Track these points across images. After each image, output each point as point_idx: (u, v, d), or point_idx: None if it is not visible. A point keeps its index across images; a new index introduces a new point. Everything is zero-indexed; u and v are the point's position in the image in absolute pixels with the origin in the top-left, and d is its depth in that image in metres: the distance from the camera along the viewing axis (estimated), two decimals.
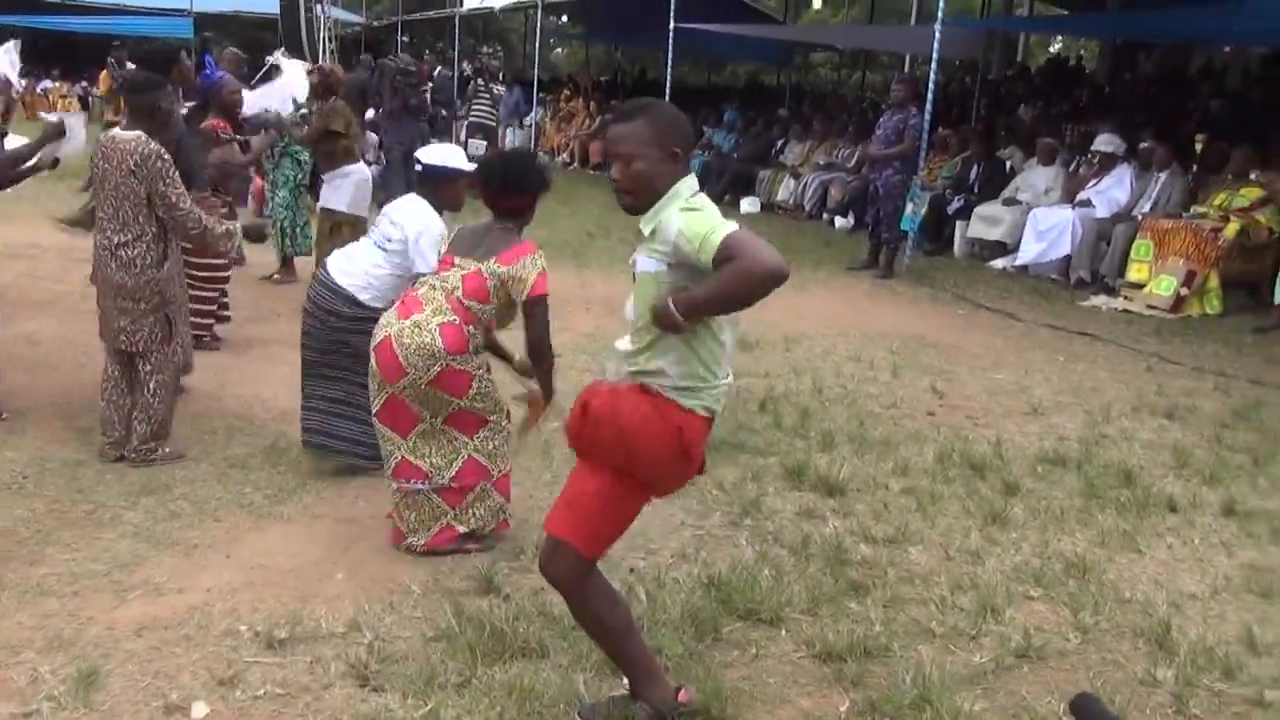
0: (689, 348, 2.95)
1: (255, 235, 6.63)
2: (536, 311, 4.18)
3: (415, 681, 3.42)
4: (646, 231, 2.96)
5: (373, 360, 4.23)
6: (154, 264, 5.01)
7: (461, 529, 4.38)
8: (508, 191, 4.28)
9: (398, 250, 4.75)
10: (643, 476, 3.07)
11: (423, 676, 3.44)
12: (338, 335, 4.88)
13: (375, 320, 4.40)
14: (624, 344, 3.10)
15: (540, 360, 4.28)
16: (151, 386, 5.12)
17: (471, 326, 4.18)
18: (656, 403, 2.98)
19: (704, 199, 2.96)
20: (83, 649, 3.55)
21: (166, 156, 4.97)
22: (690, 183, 2.98)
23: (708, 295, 2.82)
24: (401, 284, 4.74)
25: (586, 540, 3.09)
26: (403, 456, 4.31)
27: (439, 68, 19.89)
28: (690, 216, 2.85)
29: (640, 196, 2.94)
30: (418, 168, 4.94)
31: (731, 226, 2.81)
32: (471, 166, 4.85)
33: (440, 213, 4.78)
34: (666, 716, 3.19)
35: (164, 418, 5.19)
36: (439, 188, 4.81)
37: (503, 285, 4.16)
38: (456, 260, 4.24)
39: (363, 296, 4.81)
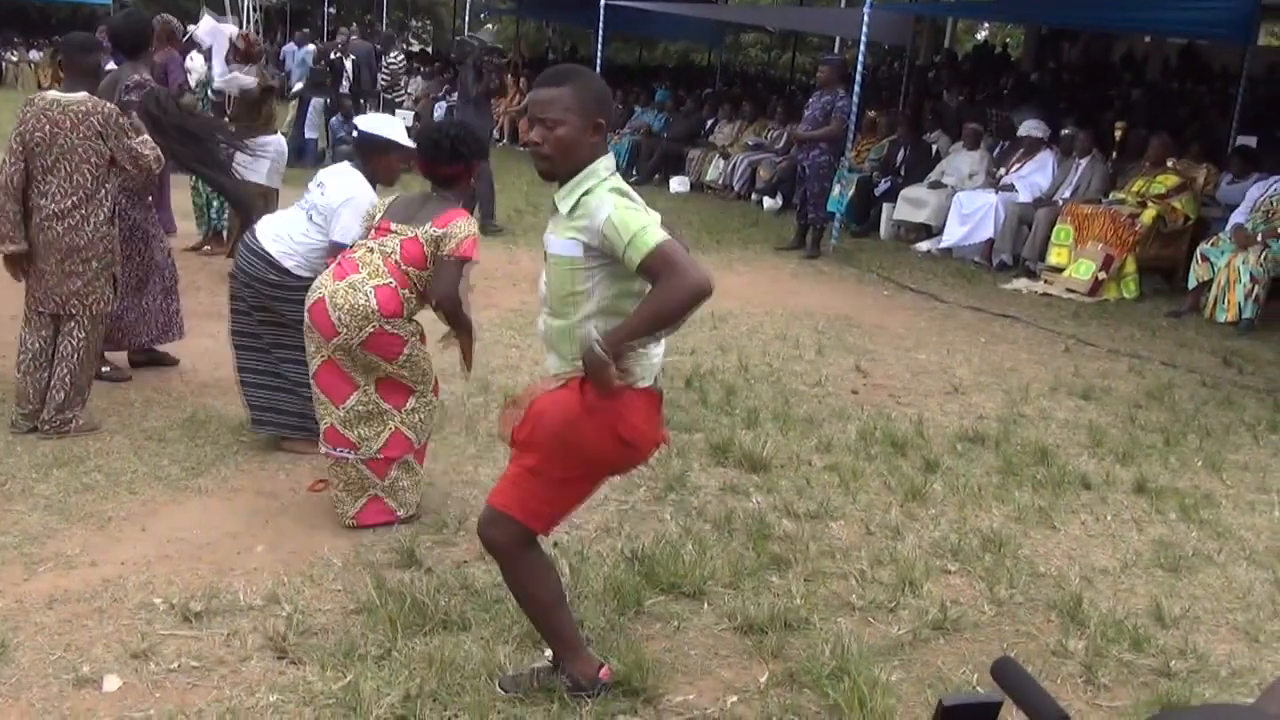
0: (605, 322, 2.88)
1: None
2: (449, 266, 4.11)
3: (334, 654, 3.39)
4: (564, 209, 2.90)
5: (307, 319, 4.17)
6: (105, 220, 4.96)
7: (395, 507, 4.34)
8: (443, 160, 4.23)
9: (323, 219, 4.69)
10: (590, 466, 3.04)
11: (342, 649, 3.41)
12: (265, 303, 4.80)
13: (303, 289, 4.35)
14: (552, 363, 3.03)
15: (453, 321, 4.23)
16: (81, 354, 5.02)
17: (407, 291, 4.13)
18: (587, 398, 2.87)
19: (625, 185, 2.92)
20: None
21: (119, 111, 4.98)
22: (609, 162, 2.94)
23: (638, 324, 2.76)
24: (327, 255, 4.67)
25: (528, 516, 3.06)
26: (331, 424, 4.25)
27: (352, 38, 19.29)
28: (624, 208, 2.79)
29: (560, 163, 2.90)
30: (354, 134, 4.88)
31: (661, 231, 2.76)
32: (408, 141, 4.80)
33: (374, 185, 4.72)
34: (586, 690, 3.20)
35: (84, 384, 5.07)
36: (371, 158, 4.74)
37: (436, 246, 4.11)
38: (393, 227, 4.18)
39: (288, 264, 4.72)
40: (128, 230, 5.58)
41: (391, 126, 4.85)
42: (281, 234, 4.80)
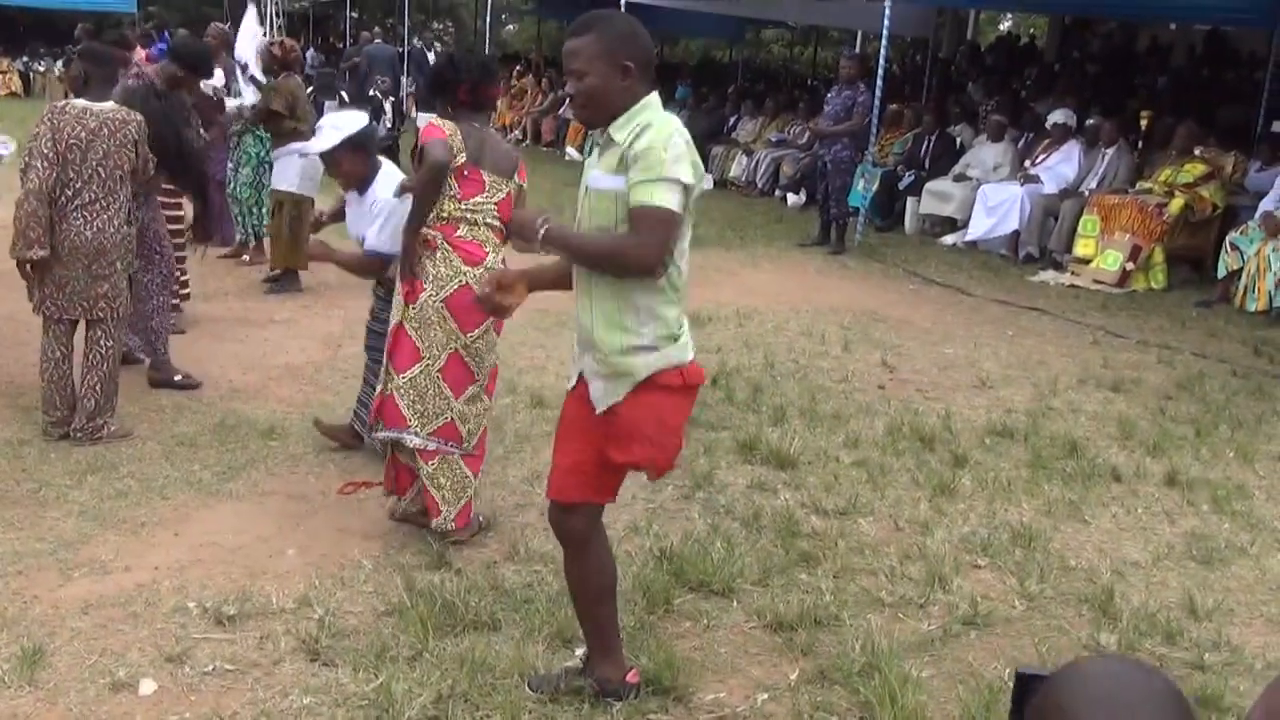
0: (621, 297, 2.89)
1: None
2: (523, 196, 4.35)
3: (366, 655, 3.41)
4: (619, 137, 2.84)
5: (443, 310, 4.06)
6: (125, 222, 5.09)
7: (433, 492, 4.19)
8: (486, 82, 4.34)
9: (384, 213, 4.66)
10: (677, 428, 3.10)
11: (374, 650, 3.44)
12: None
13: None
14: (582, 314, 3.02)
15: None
16: (111, 360, 5.11)
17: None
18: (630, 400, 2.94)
19: (684, 131, 2.86)
20: (27, 627, 3.51)
21: (143, 121, 5.15)
22: (657, 101, 2.91)
23: (583, 246, 2.88)
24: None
25: (598, 493, 3.15)
26: (451, 419, 4.17)
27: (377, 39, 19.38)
28: (673, 146, 2.77)
29: (595, 112, 2.89)
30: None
31: (676, 199, 2.76)
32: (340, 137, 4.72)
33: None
34: (612, 694, 3.21)
35: (112, 391, 5.15)
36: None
37: (520, 197, 4.30)
38: (487, 180, 4.14)
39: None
40: (140, 232, 5.75)
41: (331, 131, 4.74)
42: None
